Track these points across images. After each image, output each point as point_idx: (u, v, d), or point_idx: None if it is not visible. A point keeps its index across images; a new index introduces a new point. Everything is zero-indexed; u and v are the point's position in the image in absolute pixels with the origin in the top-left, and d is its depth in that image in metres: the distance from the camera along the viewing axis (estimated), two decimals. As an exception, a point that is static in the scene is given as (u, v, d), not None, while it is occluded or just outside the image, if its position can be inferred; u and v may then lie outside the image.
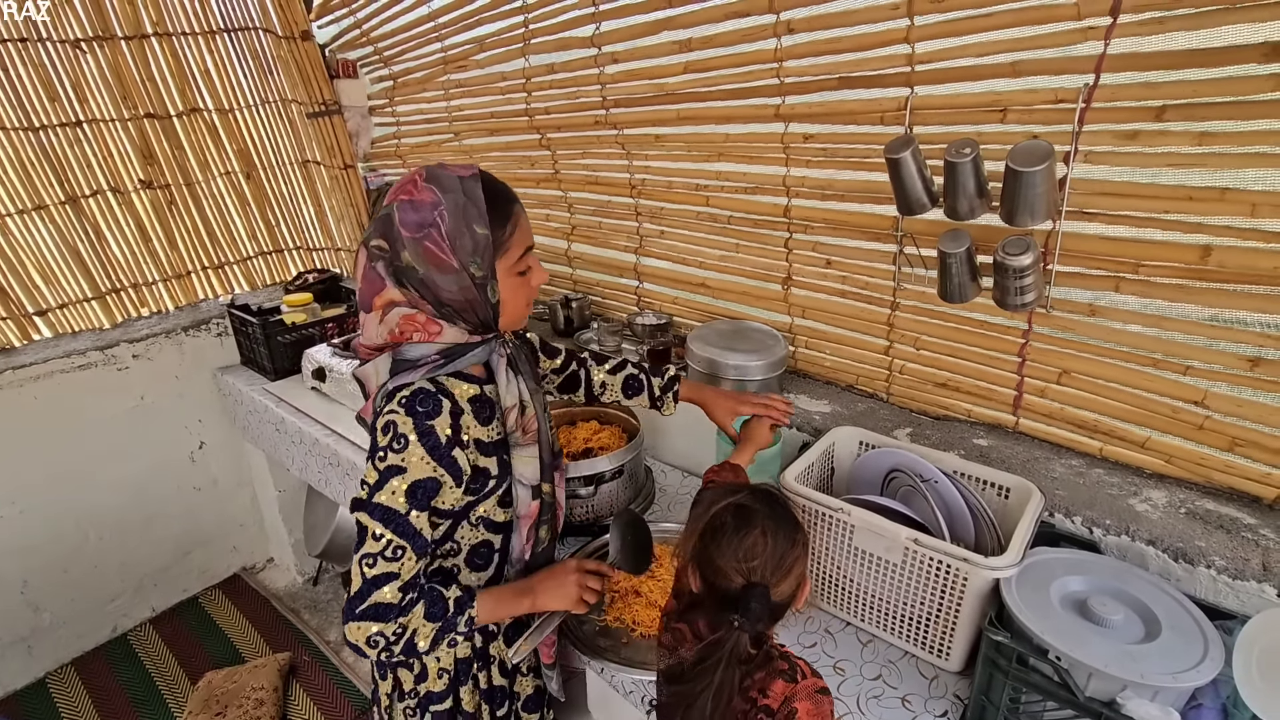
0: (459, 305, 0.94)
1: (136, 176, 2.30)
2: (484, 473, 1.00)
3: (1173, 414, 1.19)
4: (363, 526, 0.91)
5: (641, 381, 1.34)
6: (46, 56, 2.05)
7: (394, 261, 0.92)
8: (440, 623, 0.95)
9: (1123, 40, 1.05)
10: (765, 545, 0.82)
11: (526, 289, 0.99)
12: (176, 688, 2.21)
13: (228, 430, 2.54)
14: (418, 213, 0.89)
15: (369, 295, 0.94)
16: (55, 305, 2.21)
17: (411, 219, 0.89)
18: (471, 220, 0.90)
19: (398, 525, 0.91)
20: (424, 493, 0.93)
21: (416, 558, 0.93)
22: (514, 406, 1.01)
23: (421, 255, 0.90)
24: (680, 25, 1.57)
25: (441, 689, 1.10)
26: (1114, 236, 1.17)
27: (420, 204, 0.90)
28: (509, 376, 1.01)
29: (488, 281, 0.93)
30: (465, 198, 0.90)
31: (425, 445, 0.91)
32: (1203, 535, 1.10)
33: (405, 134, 2.57)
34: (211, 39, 2.37)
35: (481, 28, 2.03)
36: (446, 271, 0.91)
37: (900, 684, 1.10)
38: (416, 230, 0.89)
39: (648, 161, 1.83)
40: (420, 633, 0.94)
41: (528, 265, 0.98)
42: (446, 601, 0.97)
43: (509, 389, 1.01)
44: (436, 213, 0.89)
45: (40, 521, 2.17)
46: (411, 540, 0.92)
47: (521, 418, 1.03)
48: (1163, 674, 0.85)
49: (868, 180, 1.42)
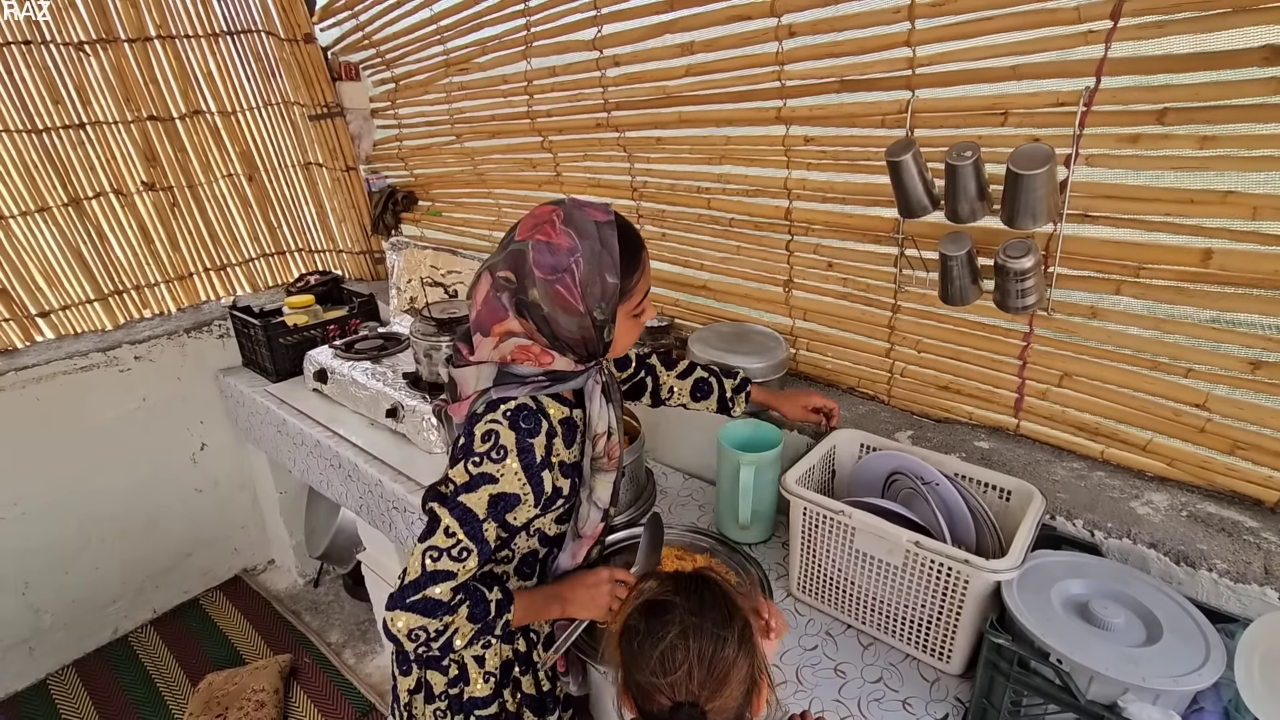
0: (574, 342, 0.96)
1: (139, 178, 2.30)
2: (559, 492, 1.02)
3: (1174, 417, 1.19)
4: (436, 518, 0.93)
5: (711, 385, 1.34)
6: (50, 59, 2.06)
7: (519, 295, 0.93)
8: (480, 624, 0.97)
9: (1124, 44, 1.05)
10: (687, 651, 0.68)
11: (638, 327, 1.03)
12: (177, 689, 2.21)
13: (229, 432, 2.55)
14: (554, 256, 0.91)
15: (489, 321, 0.96)
16: (58, 307, 2.22)
17: (547, 261, 0.91)
18: (605, 269, 0.92)
19: (471, 528, 0.93)
20: (504, 506, 0.95)
21: (477, 564, 0.95)
22: (604, 434, 1.03)
23: (550, 297, 0.92)
24: (682, 28, 1.58)
25: (486, 694, 1.11)
26: (1115, 239, 1.17)
27: (558, 249, 0.91)
28: (602, 404, 1.02)
29: (607, 324, 0.96)
30: (602, 246, 0.92)
31: (522, 462, 0.94)
32: (1204, 538, 1.10)
33: (407, 136, 2.57)
34: (214, 41, 2.38)
35: (483, 30, 2.03)
36: (572, 315, 0.93)
37: (901, 686, 1.10)
38: (550, 273, 0.91)
39: (649, 164, 1.84)
40: (460, 632, 0.96)
41: (644, 307, 1.02)
42: (489, 604, 0.98)
43: (601, 416, 1.02)
44: (573, 259, 0.91)
45: (42, 523, 2.18)
46: (479, 546, 0.94)
47: (608, 444, 1.04)
48: (1164, 677, 0.85)
49: (869, 183, 1.43)
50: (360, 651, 2.35)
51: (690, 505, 1.60)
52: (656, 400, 1.36)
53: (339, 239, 2.80)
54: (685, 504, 1.60)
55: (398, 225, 2.70)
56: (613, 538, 1.44)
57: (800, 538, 1.22)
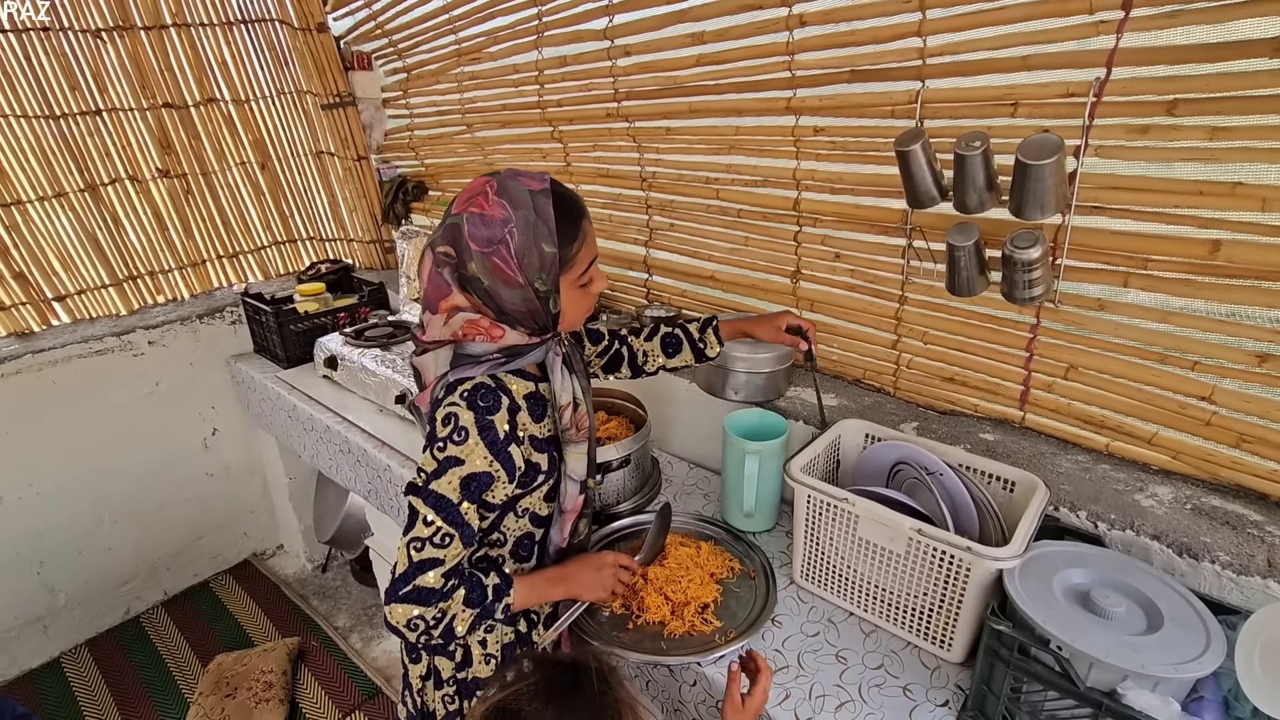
0: (520, 315, 0.96)
1: (154, 165, 2.33)
2: (535, 468, 1.03)
3: (1180, 410, 1.19)
4: (414, 510, 0.93)
5: (679, 336, 1.32)
6: (68, 46, 2.09)
7: (460, 270, 0.94)
8: (479, 609, 0.97)
9: (1135, 34, 1.04)
10: None
11: (587, 298, 1.01)
12: (187, 670, 2.25)
13: (240, 417, 2.58)
14: (488, 228, 0.90)
15: (434, 298, 0.96)
16: (74, 291, 2.25)
17: (481, 234, 0.90)
18: (540, 238, 0.91)
19: (449, 514, 0.93)
20: (477, 486, 0.95)
21: (462, 546, 0.95)
22: (568, 405, 1.03)
23: (488, 269, 0.91)
24: (693, 18, 1.58)
25: (489, 675, 1.12)
26: (1124, 231, 1.16)
27: (491, 219, 0.90)
28: (564, 375, 1.03)
29: (550, 295, 0.95)
30: (536, 215, 0.90)
31: (485, 440, 0.94)
32: (1208, 531, 1.10)
33: (418, 126, 2.59)
34: (229, 30, 2.40)
35: (495, 20, 2.04)
36: (512, 286, 0.92)
37: (902, 673, 1.10)
38: (485, 245, 0.90)
39: (658, 154, 1.84)
40: (459, 618, 0.96)
41: (590, 276, 1.00)
42: (485, 588, 0.98)
43: (564, 387, 1.02)
44: (506, 230, 0.90)
45: (56, 504, 2.21)
46: (460, 529, 0.94)
47: (575, 415, 1.04)
48: (1164, 665, 0.85)
49: (877, 174, 1.43)
50: (367, 636, 2.38)
51: (695, 494, 1.61)
52: (636, 370, 1.34)
53: (350, 228, 2.82)
54: (690, 492, 1.61)
55: (408, 214, 2.72)
56: (619, 523, 1.46)
57: (804, 525, 1.23)
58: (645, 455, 1.55)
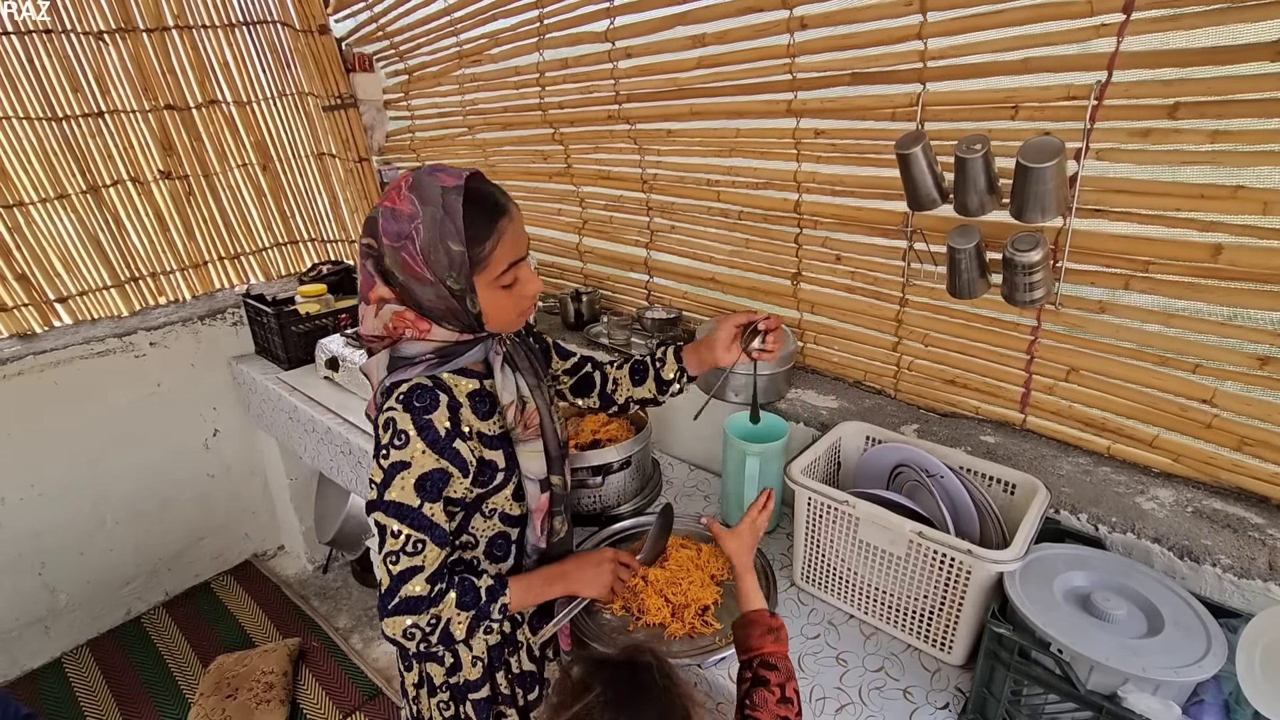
0: (440, 311, 0.94)
1: (156, 167, 2.33)
2: (490, 465, 1.01)
3: (1181, 412, 1.19)
4: (380, 526, 0.92)
5: (646, 364, 1.25)
6: (70, 48, 2.09)
7: (379, 262, 0.94)
8: (474, 611, 0.96)
9: (1136, 38, 1.05)
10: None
11: (513, 299, 0.97)
12: (188, 670, 2.25)
13: (241, 418, 2.58)
14: (397, 223, 0.89)
15: (364, 289, 0.96)
16: (76, 293, 2.25)
17: (391, 228, 0.90)
18: (447, 237, 0.88)
19: (413, 519, 0.91)
20: (433, 484, 0.93)
21: (438, 548, 0.93)
22: (512, 402, 1.01)
23: (399, 264, 0.91)
24: (694, 20, 1.58)
25: (477, 677, 1.11)
26: (1125, 234, 1.17)
27: (399, 215, 0.89)
28: (505, 373, 1.01)
29: (466, 294, 0.92)
30: (443, 213, 0.88)
31: (425, 439, 0.92)
32: (1209, 534, 1.10)
33: (419, 128, 2.59)
34: (231, 32, 2.40)
35: (496, 22, 2.05)
36: (423, 283, 0.91)
37: (902, 676, 1.10)
38: (395, 240, 0.90)
39: (659, 156, 1.85)
40: (454, 622, 0.95)
41: (514, 278, 0.95)
42: (479, 590, 0.97)
43: (505, 385, 1.01)
44: (413, 226, 0.88)
45: (58, 505, 2.21)
46: (429, 532, 0.93)
47: (522, 414, 1.03)
48: (1164, 668, 0.85)
49: (878, 176, 1.43)
50: (367, 637, 2.38)
51: (696, 496, 1.61)
52: (606, 399, 1.27)
53: (351, 229, 2.83)
54: (691, 494, 1.61)
55: (409, 216, 2.72)
56: (620, 525, 1.46)
57: (804, 528, 1.23)
58: (646, 457, 1.55)
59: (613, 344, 1.93)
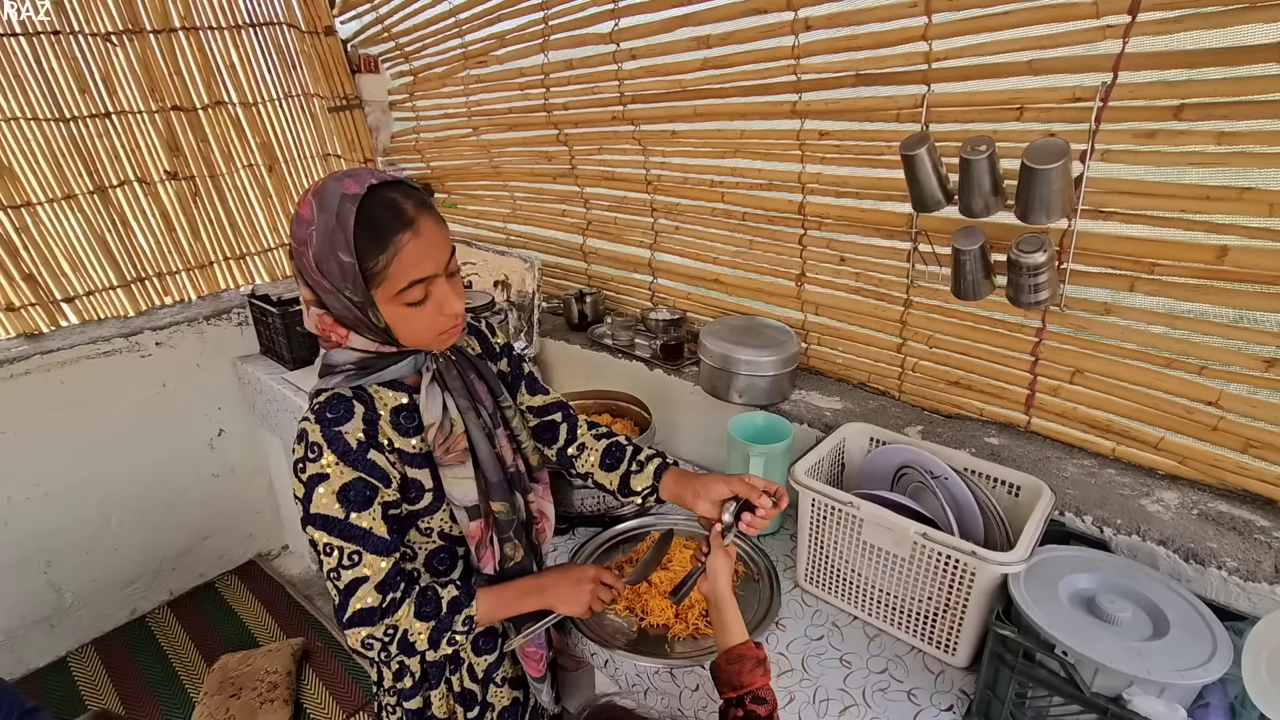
0: (349, 321, 0.90)
1: (162, 168, 2.35)
2: (417, 484, 0.96)
3: (1186, 415, 1.19)
4: (312, 541, 0.89)
5: (624, 453, 1.15)
6: (78, 49, 2.10)
7: (296, 263, 0.90)
8: (434, 622, 0.94)
9: (1141, 39, 1.04)
10: None
11: (427, 317, 0.90)
12: (193, 669, 2.25)
13: (246, 418, 2.59)
14: (299, 227, 0.86)
15: (299, 287, 0.92)
16: (82, 292, 2.26)
17: (296, 233, 0.87)
18: (337, 247, 0.83)
19: (341, 530, 0.88)
20: (356, 494, 0.89)
21: (379, 556, 0.90)
22: (434, 424, 0.95)
23: (301, 269, 0.88)
24: (699, 21, 1.59)
25: (408, 687, 1.09)
26: (1130, 235, 1.16)
27: (301, 219, 0.86)
28: (433, 391, 0.96)
29: (366, 308, 0.87)
30: (335, 221, 0.82)
31: (335, 451, 0.88)
32: (1215, 537, 1.09)
33: (424, 129, 2.60)
34: (237, 33, 2.41)
35: (502, 24, 2.05)
36: (324, 291, 0.87)
37: (906, 678, 1.10)
38: (298, 244, 0.87)
39: (664, 157, 1.85)
40: (413, 632, 0.93)
41: (424, 294, 0.88)
42: (440, 601, 0.95)
43: (430, 404, 0.95)
44: (308, 231, 0.85)
45: (64, 504, 2.22)
46: (363, 541, 0.89)
47: (448, 436, 0.96)
48: (1170, 671, 0.85)
49: (883, 177, 1.43)
50: (371, 637, 2.38)
51: (699, 496, 1.60)
52: (565, 460, 1.18)
53: (356, 230, 2.83)
54: (694, 495, 1.61)
55: (414, 217, 2.73)
56: (622, 526, 1.46)
57: (808, 529, 1.23)
58: (650, 458, 1.55)
59: (616, 345, 1.93)
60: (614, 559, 1.39)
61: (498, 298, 2.11)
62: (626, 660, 1.16)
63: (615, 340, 1.96)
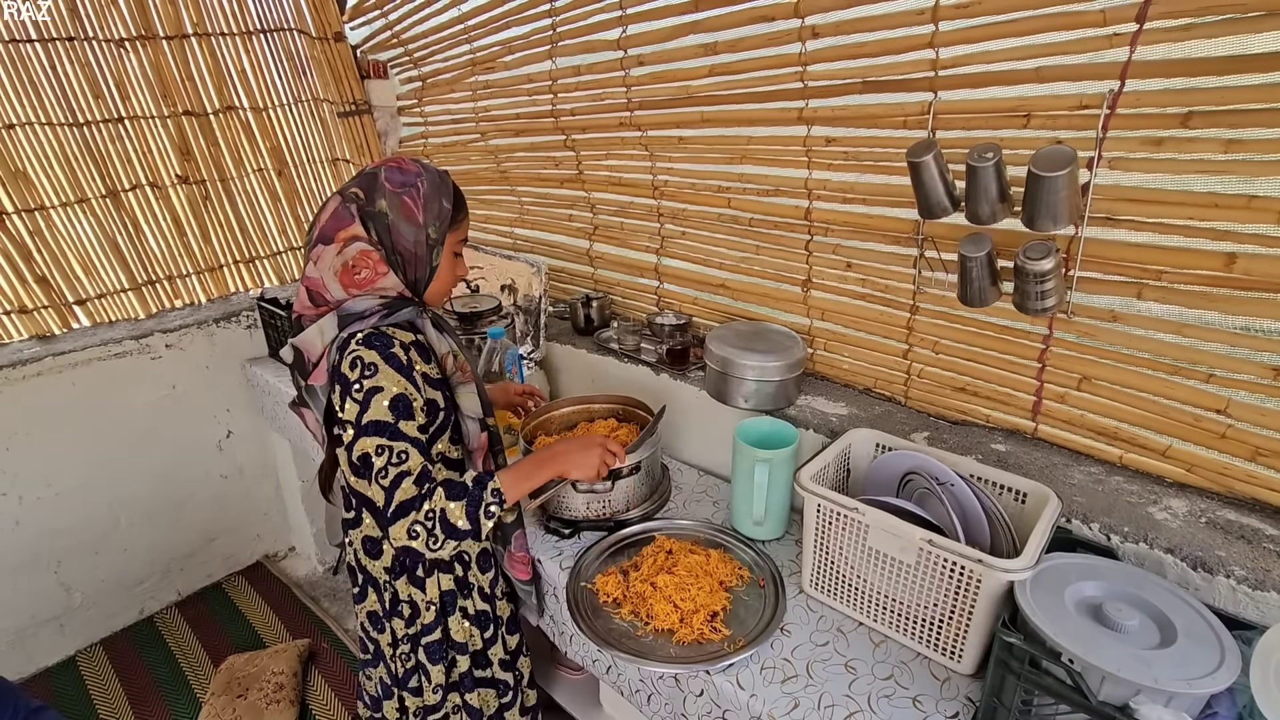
0: (408, 256, 1.12)
1: (174, 172, 2.37)
2: (433, 404, 1.15)
3: (1194, 422, 1.19)
4: (365, 454, 1.02)
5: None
6: (92, 55, 2.13)
7: (365, 207, 1.09)
8: (465, 499, 1.04)
9: (1149, 47, 1.05)
10: None
11: (454, 270, 1.20)
12: (200, 670, 2.27)
13: (255, 420, 2.60)
14: (404, 175, 1.11)
15: (334, 230, 1.09)
16: (94, 295, 2.28)
17: (398, 178, 1.10)
18: (442, 194, 1.12)
19: (392, 433, 1.03)
20: (404, 406, 1.05)
21: (420, 456, 1.04)
22: (448, 353, 1.18)
23: (397, 206, 1.09)
24: (706, 29, 1.59)
25: (431, 620, 1.25)
26: (1138, 243, 1.16)
27: (407, 171, 1.12)
28: (437, 333, 1.17)
29: (436, 246, 1.13)
30: (440, 179, 1.13)
31: (392, 366, 1.05)
32: (1223, 545, 1.09)
33: (432, 134, 2.61)
34: (248, 39, 2.44)
35: (510, 30, 2.07)
36: (413, 223, 1.10)
37: (912, 684, 1.10)
38: (399, 187, 1.09)
39: (670, 163, 1.85)
40: (449, 511, 1.02)
41: (461, 251, 1.21)
42: (464, 483, 1.06)
43: (439, 340, 1.18)
44: (419, 179, 1.11)
45: (74, 504, 2.24)
46: (410, 442, 1.04)
47: (456, 362, 1.19)
48: (1177, 680, 0.85)
49: (889, 184, 1.43)
50: (377, 639, 2.39)
51: (705, 501, 1.61)
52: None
53: (364, 234, 2.85)
54: (700, 500, 1.62)
55: (421, 221, 2.74)
56: (630, 530, 1.47)
57: (813, 534, 1.23)
58: (655, 462, 1.56)
59: (622, 349, 1.93)
60: (619, 563, 1.40)
61: (504, 301, 2.12)
62: (630, 665, 1.17)
63: (621, 345, 1.96)
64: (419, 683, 1.29)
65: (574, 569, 1.37)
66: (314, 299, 1.12)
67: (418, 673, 1.29)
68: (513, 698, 1.40)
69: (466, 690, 1.32)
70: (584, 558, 1.41)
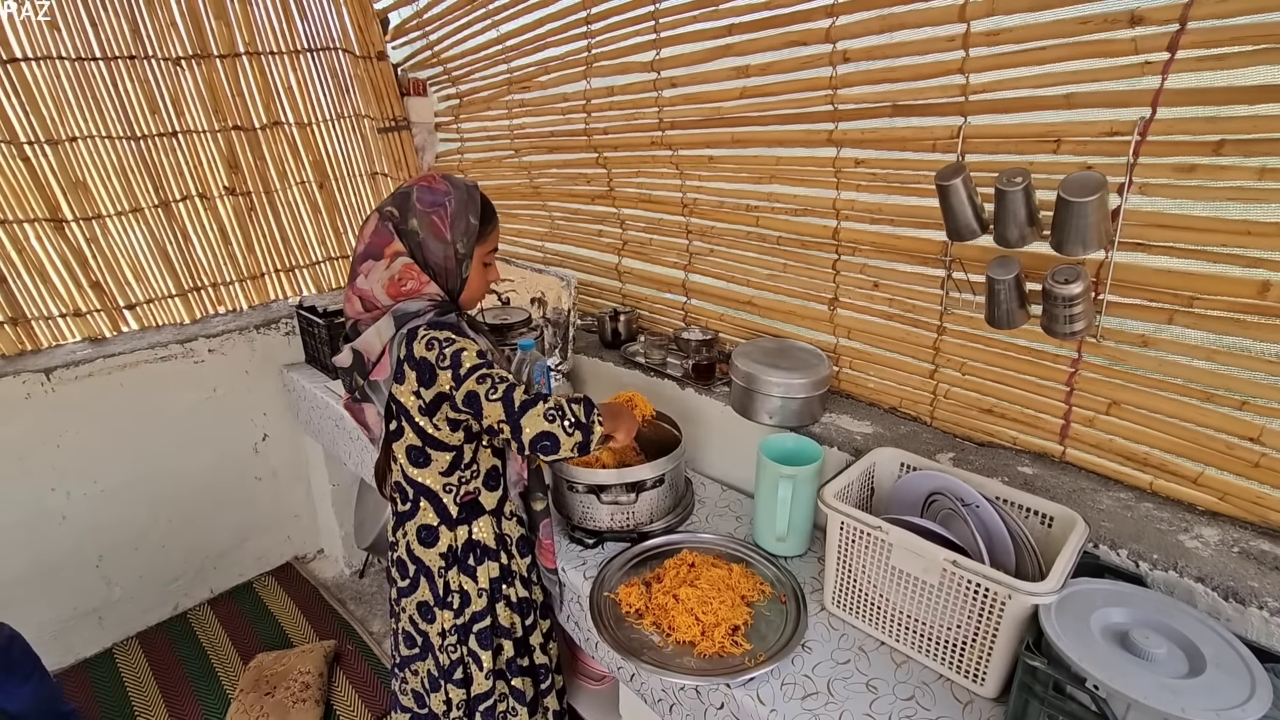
0: (439, 268, 1.22)
1: (222, 184, 2.47)
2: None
3: (1227, 450, 1.17)
4: (470, 393, 1.11)
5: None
6: (150, 72, 2.24)
7: (399, 225, 1.20)
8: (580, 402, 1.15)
9: (1181, 75, 1.05)
10: None
11: (485, 278, 1.31)
12: (230, 666, 2.33)
13: (290, 424, 2.68)
14: (433, 195, 1.20)
15: (381, 245, 1.20)
16: (143, 300, 2.38)
17: (428, 198, 1.20)
18: (469, 212, 1.23)
19: (488, 367, 1.13)
20: (488, 357, 1.16)
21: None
22: (487, 349, 1.27)
23: (427, 225, 1.19)
24: (739, 52, 1.63)
25: (483, 607, 1.33)
26: (1169, 268, 1.16)
27: (436, 190, 1.21)
28: (474, 334, 1.27)
29: (464, 259, 1.23)
30: (468, 196, 1.23)
31: (465, 337, 1.17)
32: (1256, 575, 1.07)
33: (468, 150, 2.69)
34: (296, 58, 2.54)
35: (546, 51, 2.13)
36: (441, 240, 1.21)
37: (934, 706, 1.10)
38: (429, 206, 1.19)
39: (700, 182, 1.89)
40: (569, 408, 1.12)
41: (493, 260, 1.31)
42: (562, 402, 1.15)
43: (477, 339, 1.25)
44: (447, 199, 1.21)
45: (118, 501, 2.33)
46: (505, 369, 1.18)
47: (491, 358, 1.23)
48: (1205, 710, 0.84)
49: (918, 205, 1.44)
50: (400, 643, 2.43)
51: (728, 516, 1.62)
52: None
53: (399, 245, 2.92)
54: (723, 514, 1.63)
55: (455, 234, 2.81)
56: (653, 542, 1.49)
57: (836, 552, 1.24)
58: (679, 475, 1.58)
59: (649, 363, 1.96)
60: (642, 574, 1.41)
61: (534, 314, 2.16)
62: (652, 675, 1.18)
63: (648, 359, 1.99)
64: (465, 673, 1.36)
65: (598, 578, 1.40)
66: (366, 306, 1.22)
67: (465, 663, 1.35)
68: (549, 684, 1.49)
69: (513, 676, 1.40)
70: (607, 568, 1.43)
